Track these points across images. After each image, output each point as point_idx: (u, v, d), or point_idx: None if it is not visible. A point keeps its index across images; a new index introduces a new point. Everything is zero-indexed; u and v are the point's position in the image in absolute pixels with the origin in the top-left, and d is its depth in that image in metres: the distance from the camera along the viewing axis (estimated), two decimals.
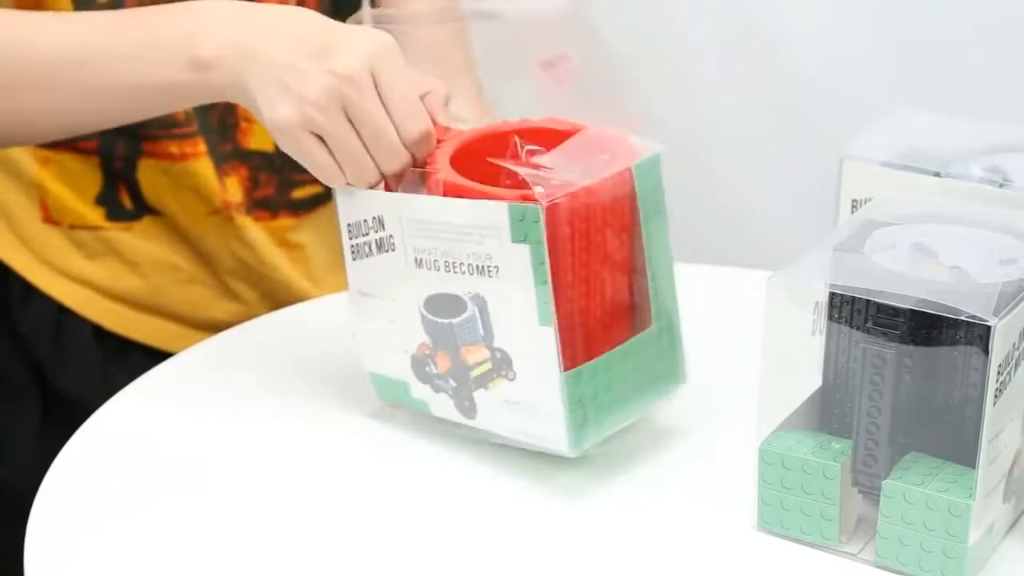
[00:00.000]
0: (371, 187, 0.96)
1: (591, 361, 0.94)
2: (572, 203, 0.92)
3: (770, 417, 0.91)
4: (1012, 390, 0.86)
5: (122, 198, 1.26)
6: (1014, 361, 0.85)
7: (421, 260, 0.96)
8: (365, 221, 0.98)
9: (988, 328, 0.82)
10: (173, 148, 1.25)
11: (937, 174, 0.98)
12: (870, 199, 0.98)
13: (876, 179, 0.99)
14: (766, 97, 1.84)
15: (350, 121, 0.95)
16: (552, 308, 0.92)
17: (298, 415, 1.03)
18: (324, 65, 0.94)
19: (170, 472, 0.98)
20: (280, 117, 0.95)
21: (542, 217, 0.90)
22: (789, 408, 0.92)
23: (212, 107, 1.27)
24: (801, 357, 0.94)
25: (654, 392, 1.01)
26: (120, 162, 1.25)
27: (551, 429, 0.95)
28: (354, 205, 0.98)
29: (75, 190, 1.25)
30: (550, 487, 0.96)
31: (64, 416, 1.04)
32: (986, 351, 0.83)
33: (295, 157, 0.97)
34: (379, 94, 0.95)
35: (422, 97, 0.97)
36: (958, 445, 0.87)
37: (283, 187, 1.31)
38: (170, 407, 1.05)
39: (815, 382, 0.93)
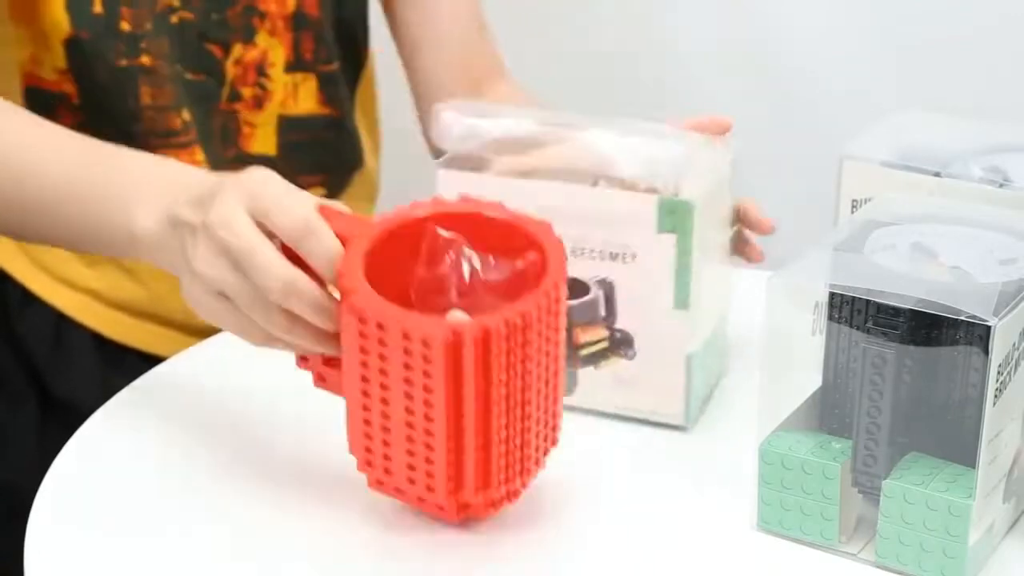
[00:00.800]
0: (276, 337, 0.89)
1: (705, 338, 1.01)
2: None
3: (770, 417, 0.91)
4: (1012, 390, 0.86)
5: None
6: (1014, 361, 0.85)
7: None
8: None
9: (988, 328, 0.82)
10: (171, 157, 1.24)
11: (937, 174, 0.98)
12: (870, 199, 0.98)
13: (876, 179, 0.99)
14: (766, 97, 1.84)
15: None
16: (689, 294, 0.99)
17: (293, 417, 1.03)
18: (202, 222, 0.89)
19: (169, 473, 0.97)
20: (187, 292, 0.92)
21: (694, 210, 0.97)
22: (789, 408, 0.92)
23: (214, 113, 1.27)
24: (801, 357, 0.94)
25: (723, 363, 1.09)
26: None
27: (668, 404, 1.02)
28: (469, 189, 0.96)
29: None
30: (548, 486, 0.96)
31: (63, 421, 1.04)
32: (986, 351, 0.83)
33: (215, 324, 0.92)
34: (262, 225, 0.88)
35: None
36: (958, 445, 0.87)
37: None
38: (168, 408, 1.05)
39: (815, 382, 0.93)
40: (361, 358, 0.86)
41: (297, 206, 0.88)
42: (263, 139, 1.29)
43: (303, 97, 1.30)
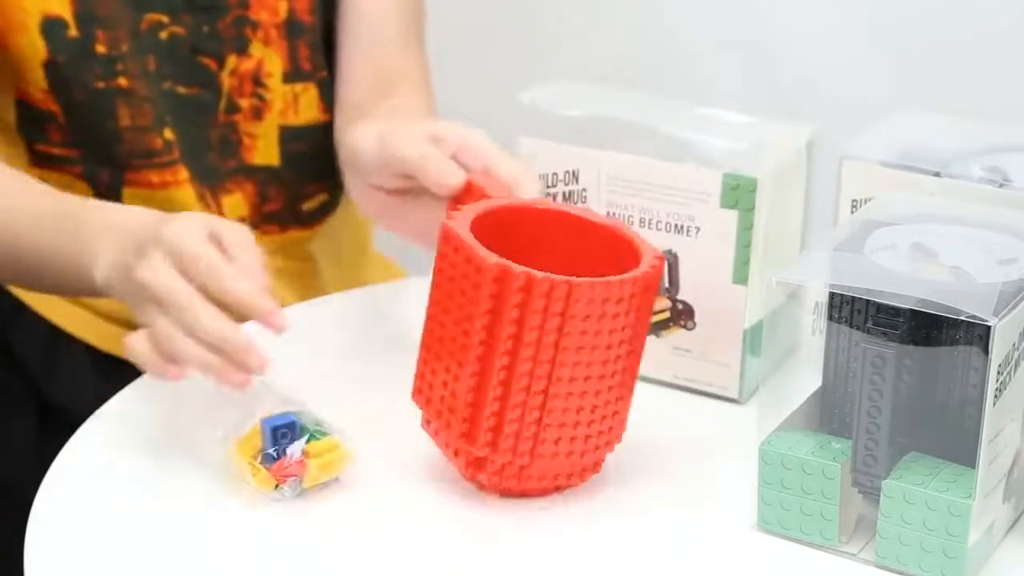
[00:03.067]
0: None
1: (766, 315, 1.00)
2: None
3: (770, 417, 0.91)
4: (1012, 390, 0.86)
5: None
6: (1014, 361, 0.85)
7: (613, 214, 1.05)
8: (555, 174, 1.06)
9: (988, 328, 0.82)
10: (153, 177, 1.24)
11: (937, 174, 0.98)
12: (870, 199, 0.98)
13: (876, 179, 0.99)
14: (766, 98, 1.84)
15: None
16: (749, 270, 1.02)
17: None
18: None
19: (165, 474, 0.97)
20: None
21: (758, 186, 1.00)
22: (789, 408, 0.92)
23: (212, 125, 1.26)
24: (801, 357, 0.94)
25: (779, 347, 1.07)
26: (105, 188, 1.24)
27: (723, 376, 1.06)
28: (546, 158, 1.06)
29: None
30: None
31: (61, 428, 1.04)
32: (986, 351, 0.83)
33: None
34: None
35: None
36: (958, 445, 0.87)
37: (292, 200, 1.31)
38: (161, 411, 1.04)
39: (815, 382, 0.93)
40: (436, 279, 0.91)
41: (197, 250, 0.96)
42: (265, 150, 1.29)
43: (304, 107, 1.29)
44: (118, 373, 1.24)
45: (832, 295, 0.89)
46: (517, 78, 1.37)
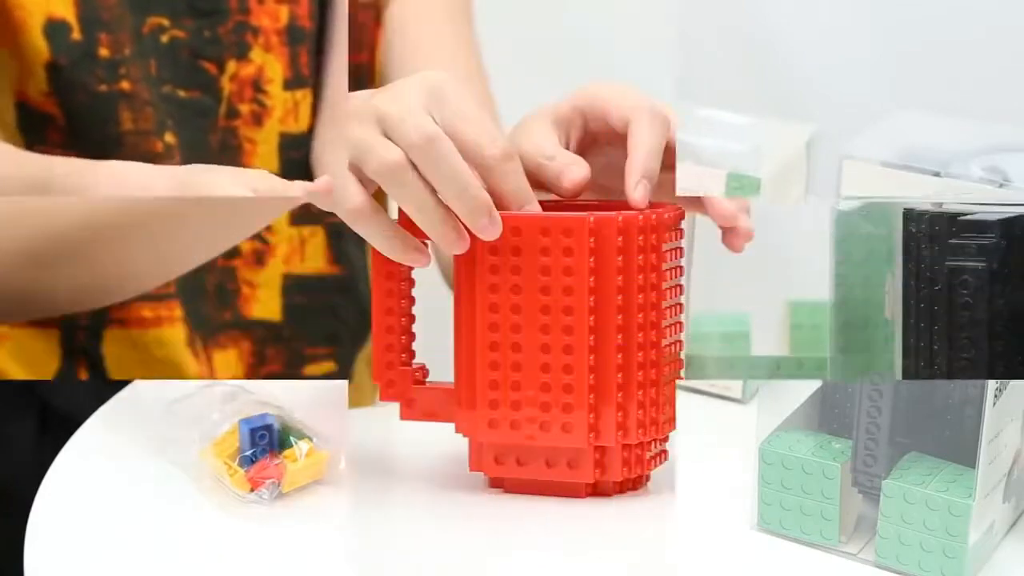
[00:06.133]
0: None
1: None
2: None
3: (770, 417, 0.91)
4: (1012, 390, 0.86)
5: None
6: None
7: None
8: None
9: None
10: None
11: (937, 174, 0.98)
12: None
13: (876, 179, 0.99)
14: (766, 98, 1.84)
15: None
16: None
17: None
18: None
19: (166, 473, 0.98)
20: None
21: (760, 186, 1.01)
22: (789, 408, 0.92)
23: (212, 130, 1.26)
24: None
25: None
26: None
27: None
28: None
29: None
30: None
31: (61, 430, 1.04)
32: None
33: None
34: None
35: None
36: (958, 445, 0.87)
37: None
38: (160, 411, 1.05)
39: (815, 382, 0.93)
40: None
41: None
42: (265, 156, 1.28)
43: (304, 114, 1.29)
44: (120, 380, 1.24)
45: None
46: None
